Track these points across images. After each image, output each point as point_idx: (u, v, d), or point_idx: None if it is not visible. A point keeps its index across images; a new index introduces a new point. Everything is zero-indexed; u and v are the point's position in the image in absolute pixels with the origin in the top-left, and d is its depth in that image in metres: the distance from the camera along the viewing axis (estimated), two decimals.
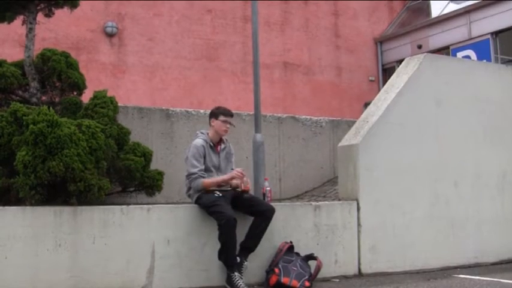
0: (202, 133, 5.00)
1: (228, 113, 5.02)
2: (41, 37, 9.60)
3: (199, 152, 4.80)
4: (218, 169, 4.91)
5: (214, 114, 4.99)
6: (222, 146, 5.02)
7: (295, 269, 4.82)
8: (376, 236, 5.57)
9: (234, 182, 4.80)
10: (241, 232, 4.64)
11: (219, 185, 4.77)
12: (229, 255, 4.59)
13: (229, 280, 4.60)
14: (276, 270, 4.76)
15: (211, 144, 4.92)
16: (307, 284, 4.75)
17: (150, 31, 13.67)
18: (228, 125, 4.98)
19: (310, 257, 5.02)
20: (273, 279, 4.75)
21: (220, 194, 4.71)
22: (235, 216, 4.53)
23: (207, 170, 4.80)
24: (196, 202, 4.81)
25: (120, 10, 13.41)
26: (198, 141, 4.86)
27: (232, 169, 4.95)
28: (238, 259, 4.64)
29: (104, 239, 4.45)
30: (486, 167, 6.39)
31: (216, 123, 4.95)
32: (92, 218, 4.44)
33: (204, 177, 4.73)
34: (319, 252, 5.24)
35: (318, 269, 4.98)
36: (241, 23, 14.69)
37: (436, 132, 6.07)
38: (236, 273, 4.58)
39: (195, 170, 4.74)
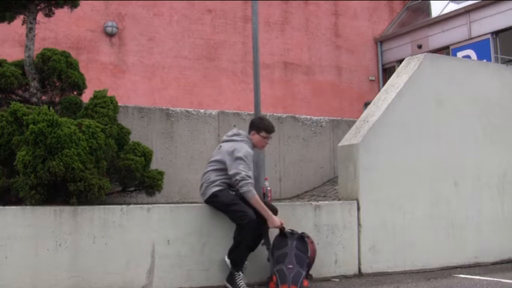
0: (247, 138, 4.86)
1: (271, 130, 4.89)
2: (41, 37, 9.62)
3: (251, 160, 4.71)
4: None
5: (257, 127, 4.85)
6: (261, 149, 5.06)
7: (291, 267, 4.59)
8: (376, 235, 5.58)
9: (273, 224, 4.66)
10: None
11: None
12: (240, 255, 4.58)
13: (232, 278, 4.58)
14: (274, 278, 4.61)
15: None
16: (305, 284, 4.68)
17: (150, 31, 13.67)
18: (268, 140, 4.92)
19: (302, 237, 4.83)
20: (271, 287, 4.63)
21: (234, 193, 4.70)
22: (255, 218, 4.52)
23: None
24: (210, 198, 4.71)
25: (120, 10, 13.42)
26: (250, 150, 4.73)
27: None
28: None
29: (104, 239, 4.45)
30: (486, 167, 6.39)
31: (256, 137, 4.85)
32: (92, 217, 4.44)
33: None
34: (319, 252, 5.23)
35: (313, 252, 4.81)
36: (241, 23, 14.70)
37: (436, 132, 6.06)
38: (240, 273, 4.57)
39: (250, 176, 4.60)
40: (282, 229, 4.72)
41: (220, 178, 4.68)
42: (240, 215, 4.52)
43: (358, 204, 5.52)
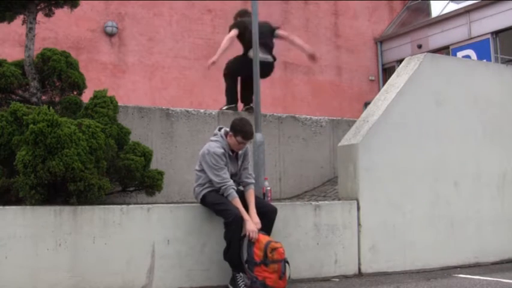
0: (222, 137, 4.79)
1: (248, 137, 4.76)
2: (41, 37, 9.60)
3: (223, 160, 4.66)
4: (235, 175, 4.82)
5: (234, 130, 4.72)
6: (240, 152, 4.86)
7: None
8: (376, 235, 5.58)
9: (247, 228, 4.55)
10: None
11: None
12: (234, 255, 4.56)
13: (234, 281, 4.57)
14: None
15: (230, 152, 4.79)
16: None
17: (150, 31, 13.66)
18: (243, 145, 4.82)
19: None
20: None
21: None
22: (242, 215, 4.52)
23: None
24: (202, 200, 4.78)
25: (120, 10, 13.41)
26: (219, 149, 4.68)
27: (245, 169, 4.89)
28: (247, 265, 4.58)
29: (104, 238, 4.45)
30: (486, 166, 6.39)
31: (232, 139, 4.75)
32: (92, 217, 4.44)
33: (235, 190, 4.63)
34: (319, 252, 5.25)
35: (256, 255, 4.53)
36: None
37: (436, 132, 6.07)
38: (241, 274, 4.55)
39: (225, 178, 4.62)
40: (250, 238, 4.54)
41: (207, 180, 4.72)
42: (224, 214, 4.53)
43: (358, 204, 5.52)
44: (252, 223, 4.55)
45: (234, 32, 6.84)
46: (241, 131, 4.71)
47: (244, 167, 4.91)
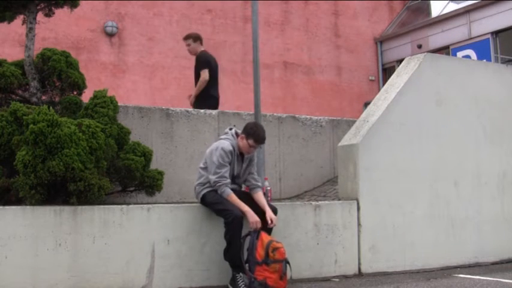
0: (233, 136, 4.81)
1: (260, 141, 4.80)
2: (41, 37, 9.62)
3: (229, 157, 4.66)
4: (237, 177, 4.82)
5: (247, 133, 4.74)
6: (246, 155, 4.87)
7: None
8: (376, 235, 5.58)
9: (250, 221, 4.57)
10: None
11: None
12: (235, 255, 4.56)
13: (234, 281, 4.57)
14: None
15: (238, 153, 4.79)
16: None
17: (150, 31, 13.67)
18: (253, 149, 4.83)
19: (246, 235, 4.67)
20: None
21: None
22: (242, 208, 4.53)
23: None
24: (202, 200, 4.78)
25: (120, 10, 13.41)
26: (228, 146, 4.69)
27: (250, 173, 4.88)
28: (247, 265, 4.57)
29: (104, 238, 4.45)
30: (486, 166, 6.39)
31: (243, 142, 4.75)
32: (92, 217, 4.44)
33: (230, 188, 4.63)
34: (319, 252, 5.24)
35: (259, 255, 4.53)
36: (241, 23, 14.69)
37: (436, 132, 6.07)
38: (241, 274, 4.55)
39: (223, 177, 4.61)
40: (255, 229, 4.59)
41: (208, 179, 4.72)
42: (224, 214, 4.53)
43: (358, 204, 5.52)
44: (254, 214, 4.55)
45: (207, 74, 7.74)
46: (255, 134, 4.74)
47: (249, 171, 4.91)
